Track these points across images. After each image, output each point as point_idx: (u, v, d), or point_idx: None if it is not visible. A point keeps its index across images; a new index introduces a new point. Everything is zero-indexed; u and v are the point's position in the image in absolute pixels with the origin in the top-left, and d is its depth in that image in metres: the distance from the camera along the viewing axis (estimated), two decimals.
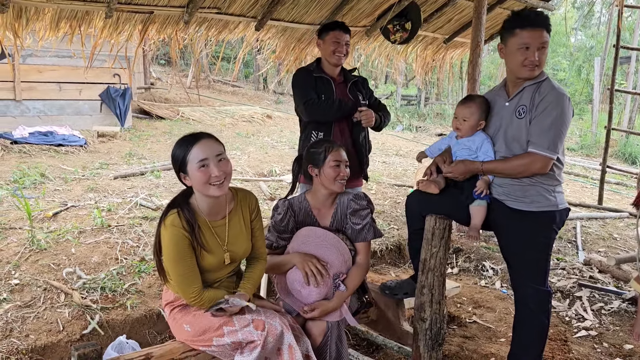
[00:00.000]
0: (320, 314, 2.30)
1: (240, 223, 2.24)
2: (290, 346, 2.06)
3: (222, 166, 2.05)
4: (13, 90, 8.51)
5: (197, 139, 2.06)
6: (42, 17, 3.50)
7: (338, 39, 3.29)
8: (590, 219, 5.88)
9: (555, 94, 2.30)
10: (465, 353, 3.13)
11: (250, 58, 18.72)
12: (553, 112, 2.28)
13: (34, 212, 4.54)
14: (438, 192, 2.54)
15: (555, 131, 2.28)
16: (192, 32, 4.18)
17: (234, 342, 2.06)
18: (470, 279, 4.35)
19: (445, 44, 5.79)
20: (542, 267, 2.47)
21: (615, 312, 3.67)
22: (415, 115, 16.31)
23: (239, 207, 2.25)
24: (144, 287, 3.55)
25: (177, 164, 2.09)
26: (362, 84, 3.47)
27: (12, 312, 3.10)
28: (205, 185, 2.05)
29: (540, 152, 2.29)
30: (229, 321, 2.08)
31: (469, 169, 2.47)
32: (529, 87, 2.37)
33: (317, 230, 2.48)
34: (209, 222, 2.16)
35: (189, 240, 2.07)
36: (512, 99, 2.43)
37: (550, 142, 2.28)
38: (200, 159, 2.03)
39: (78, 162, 7.13)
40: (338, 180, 2.46)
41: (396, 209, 5.75)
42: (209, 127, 10.92)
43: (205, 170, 2.03)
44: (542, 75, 2.38)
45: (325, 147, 2.50)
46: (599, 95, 14.21)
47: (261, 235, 2.34)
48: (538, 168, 2.32)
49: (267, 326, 2.04)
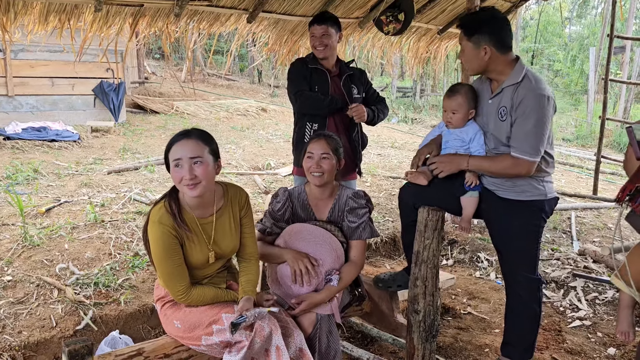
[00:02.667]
0: (307, 306, 2.28)
1: (229, 220, 2.21)
2: (278, 347, 2.04)
3: (196, 169, 2.01)
4: (5, 85, 8.45)
5: (179, 139, 2.04)
6: (30, 11, 3.45)
7: (314, 33, 3.30)
8: (584, 209, 5.88)
9: (534, 96, 2.28)
10: (459, 344, 3.13)
11: (245, 51, 18.64)
12: (533, 116, 2.27)
13: (26, 208, 4.52)
14: (427, 183, 2.52)
15: (536, 135, 2.29)
16: (183, 25, 4.13)
17: (222, 342, 2.04)
18: (465, 271, 4.35)
19: (439, 35, 5.75)
20: (532, 255, 2.49)
21: (609, 301, 3.67)
22: (410, 107, 16.30)
23: (228, 204, 2.22)
24: (138, 282, 3.53)
25: (164, 159, 2.11)
26: (359, 77, 3.41)
27: (4, 308, 3.08)
28: (179, 185, 2.04)
29: (522, 157, 2.30)
30: (219, 319, 2.07)
31: (455, 164, 2.46)
32: (507, 88, 2.36)
33: (309, 227, 2.45)
34: (196, 219, 2.13)
35: (176, 237, 2.06)
36: (493, 97, 2.43)
37: (532, 146, 2.29)
38: (174, 159, 2.02)
39: (71, 157, 7.09)
40: (311, 173, 2.44)
41: (391, 202, 5.74)
42: (204, 120, 10.88)
43: (178, 171, 2.02)
44: (519, 73, 2.34)
45: (309, 139, 2.50)
46: (594, 85, 14.21)
47: (251, 233, 2.30)
48: (521, 171, 2.34)
49: (255, 326, 2.03)
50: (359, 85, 3.39)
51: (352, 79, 3.38)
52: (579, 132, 13.46)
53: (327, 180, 2.45)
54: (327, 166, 2.42)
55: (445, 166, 2.47)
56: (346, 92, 3.34)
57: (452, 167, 2.46)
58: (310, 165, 2.43)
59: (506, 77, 2.37)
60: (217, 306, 2.14)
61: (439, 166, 2.48)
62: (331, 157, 2.43)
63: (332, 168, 2.44)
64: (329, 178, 2.46)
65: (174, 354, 2.13)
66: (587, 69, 17.17)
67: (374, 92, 3.49)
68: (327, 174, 2.43)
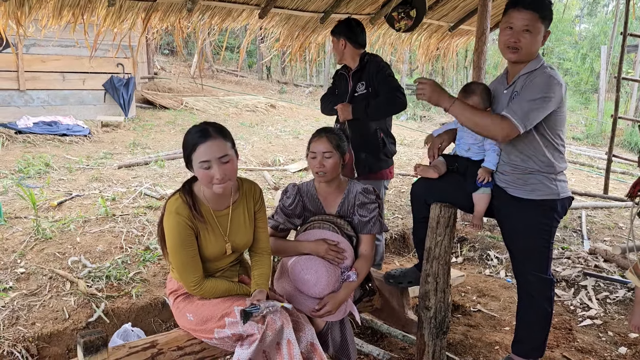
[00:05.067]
0: (332, 307, 2.28)
1: (244, 214, 2.23)
2: (289, 341, 2.04)
3: (226, 168, 2.02)
4: (17, 80, 8.51)
5: (205, 138, 2.01)
6: (44, 5, 3.48)
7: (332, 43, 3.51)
8: (595, 208, 5.85)
9: (545, 76, 2.24)
10: (469, 341, 3.13)
11: (254, 48, 18.65)
12: (536, 89, 2.21)
13: (38, 202, 4.56)
14: (437, 177, 2.51)
15: (532, 105, 2.20)
16: (195, 20, 4.15)
17: (234, 334, 2.05)
18: (474, 268, 4.34)
19: (450, 32, 5.73)
20: (543, 255, 2.45)
21: (620, 301, 3.66)
22: (419, 104, 16.23)
23: (243, 197, 2.24)
24: (149, 276, 3.56)
25: (185, 157, 2.09)
26: (370, 71, 3.33)
27: (18, 300, 3.12)
28: (208, 184, 2.05)
29: (509, 117, 2.20)
30: (231, 312, 2.08)
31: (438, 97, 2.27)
32: (523, 76, 2.32)
33: (327, 233, 2.47)
34: (212, 212, 2.15)
35: (192, 228, 2.07)
36: (509, 87, 2.39)
37: (524, 112, 2.19)
38: (203, 160, 2.01)
39: (82, 151, 7.14)
40: (316, 173, 2.45)
41: (400, 198, 5.74)
42: (213, 116, 10.91)
43: (207, 172, 2.01)
44: (537, 62, 2.31)
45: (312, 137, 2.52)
46: (605, 84, 14.09)
47: (264, 227, 2.32)
48: (500, 132, 2.21)
49: (267, 320, 2.03)
50: (367, 79, 3.35)
51: (361, 75, 3.38)
52: (589, 130, 13.37)
53: (331, 177, 2.47)
54: (330, 164, 2.43)
55: (427, 92, 2.29)
56: (352, 88, 3.39)
57: (432, 97, 2.29)
58: (314, 165, 2.45)
59: (524, 67, 2.33)
60: (229, 299, 2.15)
61: (424, 88, 2.30)
62: (334, 155, 2.43)
63: (335, 165, 2.45)
64: (334, 174, 2.47)
65: (187, 346, 2.15)
66: (597, 67, 17.03)
67: (381, 84, 3.30)
68: (331, 171, 2.44)
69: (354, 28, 3.39)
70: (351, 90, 3.40)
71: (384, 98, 3.26)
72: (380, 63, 3.35)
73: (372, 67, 3.34)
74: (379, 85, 3.31)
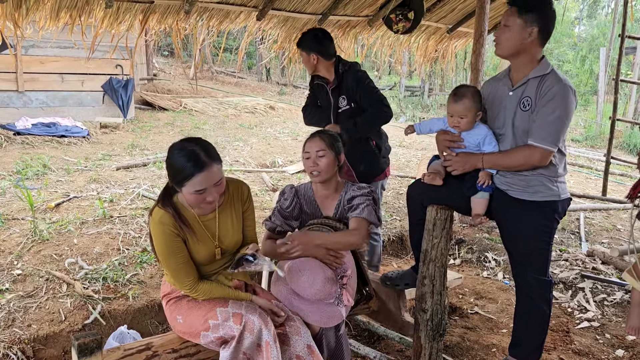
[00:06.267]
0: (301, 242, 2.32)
1: (231, 216, 2.22)
2: (267, 343, 2.02)
3: (219, 189, 2.05)
4: (15, 81, 8.51)
5: (200, 168, 1.95)
6: (42, 7, 3.47)
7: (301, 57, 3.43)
8: (593, 210, 5.85)
9: (561, 87, 2.26)
10: (466, 344, 3.13)
11: (253, 49, 18.66)
12: (557, 105, 2.24)
13: (36, 203, 4.55)
14: (442, 183, 2.52)
15: (558, 124, 2.25)
16: (193, 22, 4.15)
17: (217, 338, 2.05)
18: (472, 270, 4.34)
19: (448, 34, 5.73)
20: (543, 256, 2.46)
21: (617, 303, 3.65)
22: (418, 106, 16.26)
23: (230, 199, 2.22)
24: (146, 278, 3.55)
25: (175, 182, 2.03)
26: (350, 85, 3.25)
27: (14, 302, 3.11)
28: (197, 205, 2.07)
29: (539, 145, 2.27)
30: (213, 315, 2.07)
31: (471, 163, 2.43)
32: (533, 80, 2.33)
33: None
34: (198, 217, 2.14)
35: (179, 235, 2.07)
36: (515, 89, 2.39)
37: (552, 134, 2.25)
38: (198, 190, 1.98)
39: (80, 153, 7.13)
40: (311, 172, 2.44)
41: (398, 200, 5.73)
42: (212, 118, 10.91)
43: (200, 196, 2.01)
44: (546, 67, 2.33)
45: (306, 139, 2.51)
46: (604, 85, 14.10)
47: (252, 224, 2.32)
48: (537, 160, 2.29)
49: (245, 320, 2.03)
50: (348, 94, 3.27)
51: (340, 90, 3.31)
52: (588, 132, 13.37)
53: (327, 176, 2.46)
54: (324, 163, 2.42)
55: (460, 165, 2.44)
56: (334, 103, 3.34)
57: (466, 166, 2.43)
58: (308, 165, 2.44)
59: (530, 70, 2.34)
60: (212, 301, 2.14)
61: (454, 165, 2.45)
62: (328, 153, 2.43)
63: (329, 164, 2.43)
64: (329, 174, 2.46)
65: (182, 349, 2.15)
66: (596, 69, 17.03)
67: (365, 99, 3.24)
68: (325, 171, 2.43)
69: (322, 41, 3.29)
70: (334, 106, 3.33)
71: (369, 114, 3.22)
72: (357, 73, 3.27)
73: (350, 79, 3.25)
74: (362, 98, 3.24)
